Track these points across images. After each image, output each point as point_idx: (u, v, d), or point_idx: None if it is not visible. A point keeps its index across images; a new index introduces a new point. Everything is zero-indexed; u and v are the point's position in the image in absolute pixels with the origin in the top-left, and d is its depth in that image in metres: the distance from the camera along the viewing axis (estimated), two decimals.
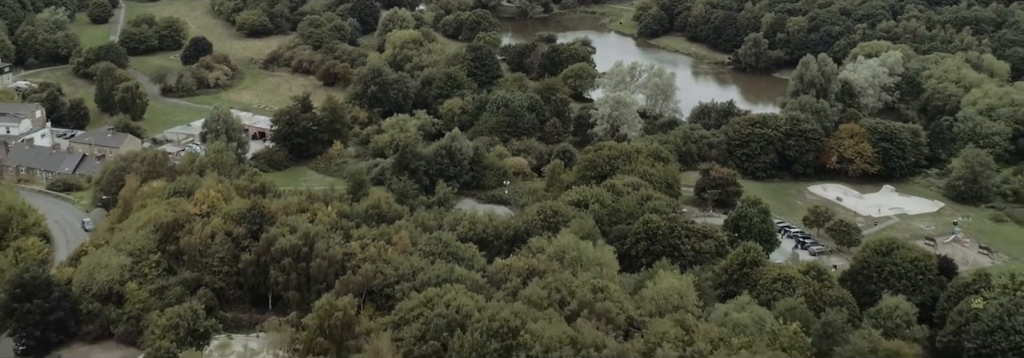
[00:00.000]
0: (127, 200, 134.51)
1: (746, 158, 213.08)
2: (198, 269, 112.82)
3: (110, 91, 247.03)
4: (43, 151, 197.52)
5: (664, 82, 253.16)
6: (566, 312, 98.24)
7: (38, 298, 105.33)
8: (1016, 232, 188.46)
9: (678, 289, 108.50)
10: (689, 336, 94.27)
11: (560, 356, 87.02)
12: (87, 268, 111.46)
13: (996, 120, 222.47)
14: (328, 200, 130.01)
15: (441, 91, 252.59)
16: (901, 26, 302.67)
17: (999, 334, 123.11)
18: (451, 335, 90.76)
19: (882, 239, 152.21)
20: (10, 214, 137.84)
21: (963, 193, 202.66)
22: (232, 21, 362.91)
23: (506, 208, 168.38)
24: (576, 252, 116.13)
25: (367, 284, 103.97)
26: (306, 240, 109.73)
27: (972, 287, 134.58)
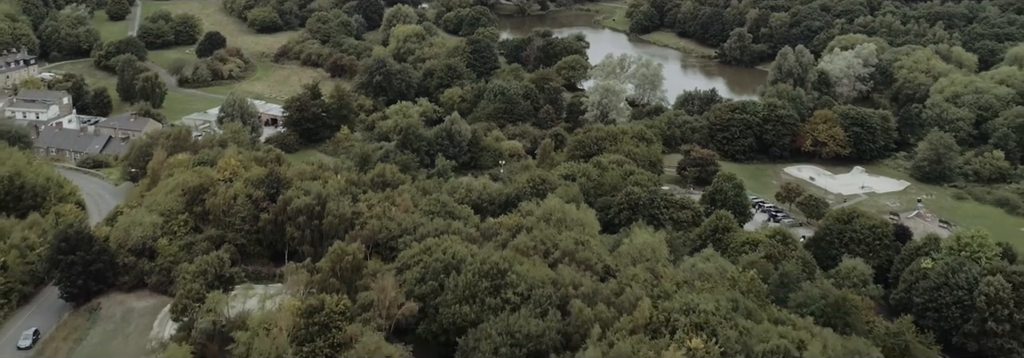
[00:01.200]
0: (155, 170, 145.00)
1: (726, 141, 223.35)
2: (222, 227, 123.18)
3: (131, 81, 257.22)
4: (71, 133, 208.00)
5: (651, 72, 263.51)
6: (549, 260, 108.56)
7: (80, 251, 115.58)
8: (975, 208, 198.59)
9: (651, 244, 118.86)
10: (657, 280, 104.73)
11: (542, 293, 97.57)
12: (123, 226, 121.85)
13: (961, 107, 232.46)
14: (338, 170, 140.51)
15: (442, 81, 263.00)
16: (877, 21, 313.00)
17: (944, 290, 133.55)
18: (447, 276, 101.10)
19: (844, 209, 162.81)
20: (48, 184, 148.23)
21: (928, 173, 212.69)
22: (244, 18, 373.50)
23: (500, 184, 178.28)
24: (561, 214, 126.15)
25: (373, 237, 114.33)
26: (319, 200, 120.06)
27: (923, 250, 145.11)
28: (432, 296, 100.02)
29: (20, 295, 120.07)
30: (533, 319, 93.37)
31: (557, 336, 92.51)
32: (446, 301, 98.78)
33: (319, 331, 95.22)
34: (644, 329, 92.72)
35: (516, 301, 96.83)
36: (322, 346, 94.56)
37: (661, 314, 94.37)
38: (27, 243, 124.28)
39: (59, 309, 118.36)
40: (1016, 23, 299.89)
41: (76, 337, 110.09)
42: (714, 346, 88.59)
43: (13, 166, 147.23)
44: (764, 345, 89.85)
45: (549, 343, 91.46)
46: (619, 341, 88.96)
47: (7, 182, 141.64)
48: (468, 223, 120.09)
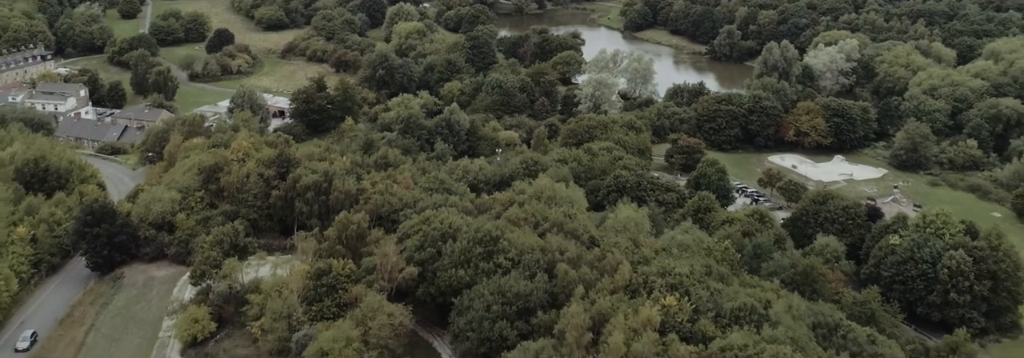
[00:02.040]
0: (172, 153, 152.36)
1: (713, 131, 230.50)
2: (235, 203, 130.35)
3: (144, 75, 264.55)
4: (89, 123, 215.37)
5: (643, 67, 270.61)
6: (539, 231, 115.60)
7: (105, 224, 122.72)
8: (947, 193, 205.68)
9: (634, 219, 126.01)
10: (637, 248, 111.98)
11: (531, 258, 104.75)
12: (144, 202, 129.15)
13: (938, 99, 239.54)
14: (343, 152, 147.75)
15: (442, 75, 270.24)
16: (862, 18, 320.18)
17: (910, 264, 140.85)
18: (444, 243, 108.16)
19: (820, 191, 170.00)
20: (70, 167, 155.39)
21: (905, 161, 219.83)
22: (251, 16, 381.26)
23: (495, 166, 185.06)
24: (552, 192, 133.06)
25: (376, 211, 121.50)
26: (326, 177, 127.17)
27: (891, 228, 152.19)
28: (430, 261, 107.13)
29: (49, 265, 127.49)
30: (522, 280, 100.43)
31: (544, 295, 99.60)
32: (443, 266, 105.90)
33: (327, 292, 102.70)
34: (624, 289, 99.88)
35: (507, 265, 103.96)
36: (329, 305, 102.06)
37: (639, 277, 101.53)
38: (54, 218, 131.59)
39: (85, 278, 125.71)
40: (994, 20, 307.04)
41: (102, 302, 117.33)
42: (687, 303, 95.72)
43: (38, 150, 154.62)
44: (732, 303, 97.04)
45: (537, 301, 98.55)
46: (600, 299, 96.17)
47: (33, 164, 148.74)
48: (464, 199, 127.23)
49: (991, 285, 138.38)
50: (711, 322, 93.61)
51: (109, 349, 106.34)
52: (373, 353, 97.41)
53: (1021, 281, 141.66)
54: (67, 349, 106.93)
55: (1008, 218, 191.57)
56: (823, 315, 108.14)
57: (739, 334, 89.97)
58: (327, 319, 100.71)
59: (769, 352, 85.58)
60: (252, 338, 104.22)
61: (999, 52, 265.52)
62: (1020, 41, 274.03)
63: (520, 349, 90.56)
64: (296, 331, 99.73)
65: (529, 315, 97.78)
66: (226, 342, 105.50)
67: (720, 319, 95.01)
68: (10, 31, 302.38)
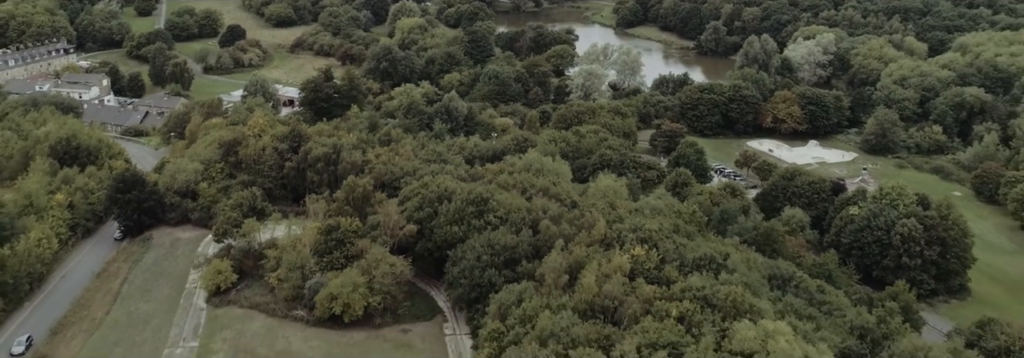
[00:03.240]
0: (193, 131, 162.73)
1: (696, 118, 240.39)
2: (252, 174, 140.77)
3: (162, 67, 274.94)
4: (112, 109, 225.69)
5: (631, 59, 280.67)
6: (526, 195, 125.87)
7: (135, 191, 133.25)
8: (913, 175, 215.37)
9: (613, 187, 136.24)
10: (613, 209, 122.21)
11: (518, 216, 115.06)
12: (169, 172, 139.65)
13: (907, 88, 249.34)
14: (350, 130, 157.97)
15: (442, 67, 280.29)
16: (840, 15, 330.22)
17: (866, 231, 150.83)
18: (440, 204, 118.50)
19: (788, 168, 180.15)
20: (99, 145, 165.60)
21: (874, 146, 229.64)
22: (261, 14, 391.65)
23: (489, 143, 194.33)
24: (539, 164, 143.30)
25: (380, 178, 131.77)
26: (335, 149, 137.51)
27: (852, 200, 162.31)
28: (428, 220, 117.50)
29: (84, 229, 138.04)
30: (509, 235, 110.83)
31: (528, 247, 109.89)
32: (439, 223, 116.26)
33: (336, 245, 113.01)
34: (599, 243, 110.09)
35: (496, 222, 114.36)
36: (338, 257, 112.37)
37: (613, 232, 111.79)
38: (87, 188, 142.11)
39: (117, 240, 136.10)
40: (965, 16, 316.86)
41: (134, 259, 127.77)
42: (654, 254, 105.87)
43: (70, 129, 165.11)
44: (695, 253, 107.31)
45: (521, 252, 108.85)
46: (577, 250, 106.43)
47: (65, 142, 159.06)
48: (459, 169, 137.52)
49: (940, 250, 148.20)
50: (675, 269, 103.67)
51: (142, 297, 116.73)
52: (376, 298, 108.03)
53: (968, 247, 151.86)
54: (104, 298, 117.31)
55: (967, 197, 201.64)
56: (779, 268, 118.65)
57: (698, 278, 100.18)
58: (336, 269, 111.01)
59: (723, 291, 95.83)
60: (269, 287, 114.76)
61: (967, 45, 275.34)
62: (987, 35, 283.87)
63: (505, 290, 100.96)
64: (309, 279, 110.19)
65: (515, 265, 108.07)
66: (246, 291, 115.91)
67: (683, 267, 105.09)
68: (34, 26, 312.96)
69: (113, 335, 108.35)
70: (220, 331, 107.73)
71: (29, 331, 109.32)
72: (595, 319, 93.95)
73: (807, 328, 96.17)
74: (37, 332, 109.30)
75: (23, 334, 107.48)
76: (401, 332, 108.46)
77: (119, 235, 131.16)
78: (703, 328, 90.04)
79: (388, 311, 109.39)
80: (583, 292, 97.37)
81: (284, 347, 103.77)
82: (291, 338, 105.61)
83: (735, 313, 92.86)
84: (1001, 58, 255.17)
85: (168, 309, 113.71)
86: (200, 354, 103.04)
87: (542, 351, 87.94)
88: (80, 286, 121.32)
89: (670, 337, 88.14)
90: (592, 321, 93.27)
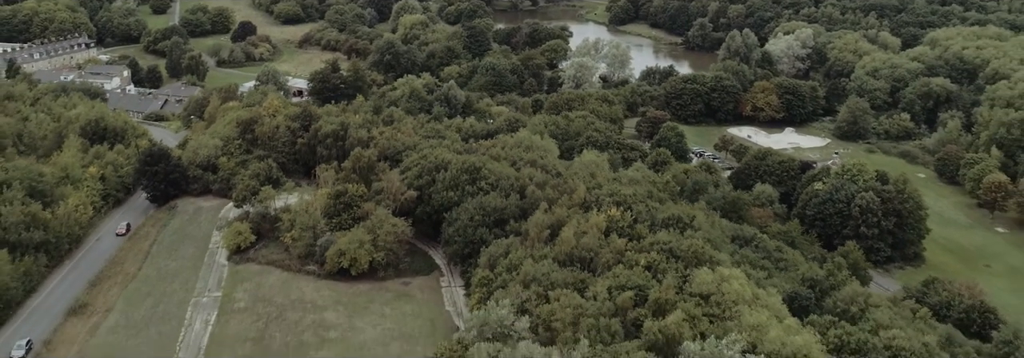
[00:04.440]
0: (211, 113, 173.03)
1: (680, 107, 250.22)
2: (267, 150, 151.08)
3: (178, 59, 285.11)
4: (134, 97, 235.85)
5: (620, 53, 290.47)
6: (516, 166, 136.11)
7: (161, 164, 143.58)
8: (881, 159, 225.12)
9: (595, 161, 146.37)
10: (593, 178, 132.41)
11: (507, 182, 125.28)
12: (192, 148, 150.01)
13: (879, 79, 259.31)
14: (356, 111, 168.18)
15: (442, 60, 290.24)
16: (820, 12, 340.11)
17: (829, 204, 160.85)
18: (437, 173, 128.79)
19: (760, 148, 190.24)
20: (125, 127, 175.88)
21: (847, 133, 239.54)
22: (270, 11, 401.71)
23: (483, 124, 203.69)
24: (529, 142, 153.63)
25: (384, 152, 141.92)
26: (342, 127, 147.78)
27: (817, 176, 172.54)
28: (426, 186, 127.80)
29: (115, 199, 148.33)
30: (499, 199, 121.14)
31: (516, 209, 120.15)
32: (436, 189, 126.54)
33: (344, 208, 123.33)
34: (579, 205, 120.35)
35: (487, 188, 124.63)
36: (346, 218, 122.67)
37: (592, 196, 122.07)
38: (117, 162, 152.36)
39: (145, 208, 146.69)
40: (938, 13, 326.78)
41: (161, 224, 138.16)
42: (628, 214, 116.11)
43: (99, 112, 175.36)
44: (664, 214, 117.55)
45: (509, 213, 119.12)
46: (559, 210, 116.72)
47: (94, 123, 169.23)
48: (455, 144, 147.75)
49: (896, 221, 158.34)
50: (645, 227, 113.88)
51: (170, 256, 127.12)
52: (380, 254, 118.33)
53: (922, 219, 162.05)
54: (136, 257, 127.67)
55: (931, 178, 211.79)
56: (742, 230, 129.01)
57: (665, 234, 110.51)
58: (344, 229, 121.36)
59: (686, 244, 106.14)
60: (284, 247, 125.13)
61: (937, 40, 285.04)
62: (957, 30, 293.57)
63: (494, 244, 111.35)
64: (319, 238, 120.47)
65: (503, 224, 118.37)
66: (263, 250, 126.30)
67: (653, 226, 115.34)
68: (56, 22, 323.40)
69: (145, 287, 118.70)
70: (241, 283, 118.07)
71: (71, 285, 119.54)
72: (572, 267, 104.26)
73: (759, 276, 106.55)
74: (77, 284, 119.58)
75: (23, 338, 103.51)
76: (402, 284, 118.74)
77: (123, 230, 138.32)
78: (667, 274, 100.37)
79: (390, 266, 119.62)
80: (562, 245, 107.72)
81: (298, 296, 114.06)
82: (304, 289, 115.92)
83: (696, 262, 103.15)
84: (967, 51, 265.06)
85: (193, 266, 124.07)
86: (223, 302, 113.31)
87: (525, 292, 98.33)
88: (113, 247, 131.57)
89: (637, 281, 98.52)
90: (570, 268, 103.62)
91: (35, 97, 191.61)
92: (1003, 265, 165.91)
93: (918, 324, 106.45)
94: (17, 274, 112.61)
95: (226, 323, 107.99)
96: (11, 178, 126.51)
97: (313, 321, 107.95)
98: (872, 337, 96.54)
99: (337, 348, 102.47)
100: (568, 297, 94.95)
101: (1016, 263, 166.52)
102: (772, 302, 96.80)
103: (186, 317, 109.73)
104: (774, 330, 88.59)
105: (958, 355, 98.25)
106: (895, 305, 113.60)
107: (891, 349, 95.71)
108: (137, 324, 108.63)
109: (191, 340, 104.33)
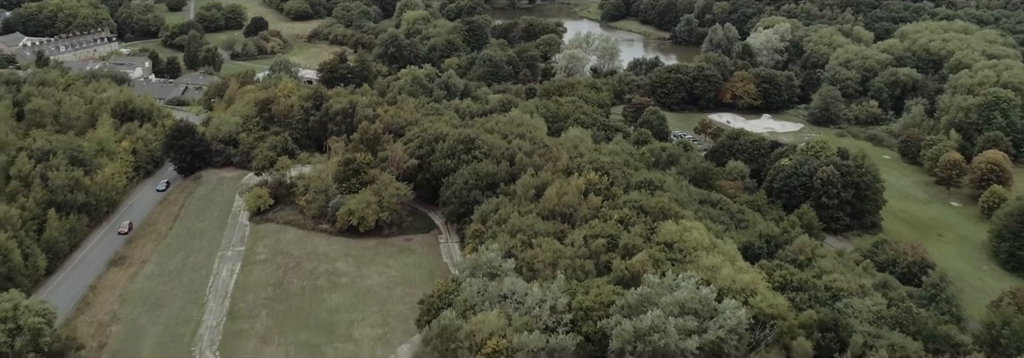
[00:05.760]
0: (231, 95, 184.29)
1: (664, 95, 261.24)
2: (282, 126, 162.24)
3: (195, 52, 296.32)
4: (156, 84, 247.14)
5: (609, 46, 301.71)
6: (506, 139, 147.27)
7: (187, 138, 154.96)
8: (850, 142, 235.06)
9: (580, 136, 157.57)
10: (577, 149, 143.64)
11: (498, 152, 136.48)
12: (214, 124, 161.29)
13: (851, 69, 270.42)
14: (363, 94, 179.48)
15: (443, 53, 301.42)
16: (799, 7, 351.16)
17: (793, 177, 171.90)
18: (436, 144, 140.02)
19: (734, 129, 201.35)
20: (151, 108, 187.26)
21: (819, 119, 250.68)
22: (281, 9, 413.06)
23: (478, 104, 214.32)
24: (520, 120, 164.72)
25: (388, 126, 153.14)
26: (351, 105, 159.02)
27: (784, 153, 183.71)
28: (426, 156, 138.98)
29: (145, 171, 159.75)
30: (491, 165, 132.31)
31: (506, 174, 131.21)
32: (436, 158, 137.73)
33: (352, 174, 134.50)
34: (562, 171, 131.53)
35: (481, 156, 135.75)
36: (354, 183, 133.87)
37: (574, 164, 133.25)
38: (147, 138, 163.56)
39: (173, 178, 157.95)
40: (910, 9, 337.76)
41: (188, 192, 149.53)
42: (605, 178, 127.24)
43: (126, 95, 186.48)
44: (637, 177, 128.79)
45: (500, 178, 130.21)
46: (544, 174, 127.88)
47: (124, 105, 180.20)
48: (452, 119, 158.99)
49: (855, 193, 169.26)
50: (620, 189, 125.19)
51: (197, 217, 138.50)
52: (385, 213, 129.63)
53: (879, 191, 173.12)
54: (167, 219, 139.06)
55: (895, 159, 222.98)
56: (709, 196, 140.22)
57: (637, 193, 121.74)
58: (353, 192, 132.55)
59: (655, 201, 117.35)
60: (299, 209, 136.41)
61: (907, 33, 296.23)
62: (925, 24, 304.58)
63: (486, 203, 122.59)
64: (331, 200, 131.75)
65: (494, 187, 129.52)
66: (280, 212, 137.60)
67: (627, 188, 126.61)
68: (79, 18, 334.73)
69: (176, 243, 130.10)
70: (261, 240, 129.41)
71: (110, 242, 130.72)
72: (554, 220, 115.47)
73: (718, 229, 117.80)
74: (115, 241, 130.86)
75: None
76: (404, 240, 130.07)
77: (163, 186, 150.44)
78: (636, 226, 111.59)
79: (394, 224, 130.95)
80: (546, 203, 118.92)
81: (312, 249, 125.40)
82: (318, 243, 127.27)
83: (663, 216, 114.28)
84: (933, 43, 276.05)
85: (218, 226, 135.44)
86: (246, 255, 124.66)
87: (511, 240, 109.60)
88: (146, 211, 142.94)
89: (610, 231, 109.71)
90: (551, 222, 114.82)
91: (66, 83, 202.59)
92: (954, 234, 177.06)
93: (858, 271, 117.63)
94: (64, 230, 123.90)
95: (249, 272, 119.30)
96: (55, 147, 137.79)
97: (326, 270, 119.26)
98: (814, 279, 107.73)
99: (347, 292, 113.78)
100: (549, 244, 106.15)
101: (966, 233, 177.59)
102: (727, 249, 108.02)
103: (214, 267, 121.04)
104: (726, 269, 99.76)
105: (890, 295, 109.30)
106: (840, 256, 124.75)
107: (831, 289, 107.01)
108: (171, 273, 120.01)
109: (219, 285, 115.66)
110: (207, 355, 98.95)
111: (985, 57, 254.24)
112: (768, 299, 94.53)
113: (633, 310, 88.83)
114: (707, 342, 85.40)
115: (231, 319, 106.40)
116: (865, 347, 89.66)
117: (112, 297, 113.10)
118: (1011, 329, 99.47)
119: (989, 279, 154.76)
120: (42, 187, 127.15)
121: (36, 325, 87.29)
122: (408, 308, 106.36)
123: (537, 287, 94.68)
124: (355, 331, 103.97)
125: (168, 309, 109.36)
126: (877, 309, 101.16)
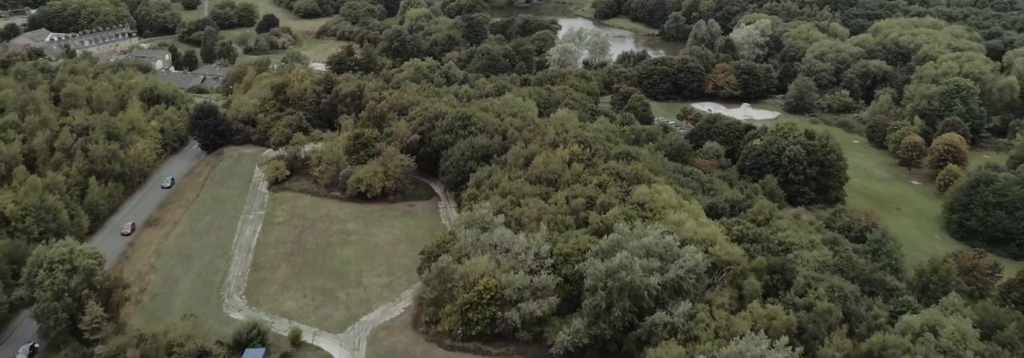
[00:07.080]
0: (248, 81, 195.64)
1: (650, 85, 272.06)
2: (296, 107, 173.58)
3: (211, 46, 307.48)
4: (177, 74, 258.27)
5: (600, 40, 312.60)
6: (499, 118, 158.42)
7: (210, 117, 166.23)
8: (822, 129, 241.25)
9: (567, 116, 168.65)
10: (563, 126, 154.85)
11: (492, 127, 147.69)
12: (234, 106, 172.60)
13: (825, 62, 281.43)
14: (370, 80, 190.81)
15: (444, 47, 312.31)
16: (780, 5, 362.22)
17: (763, 156, 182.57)
18: (436, 121, 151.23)
19: (711, 113, 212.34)
20: (175, 94, 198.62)
21: (794, 107, 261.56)
22: (290, 7, 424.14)
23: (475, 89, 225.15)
24: (513, 103, 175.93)
25: (393, 106, 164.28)
26: (359, 88, 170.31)
27: (756, 135, 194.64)
28: (427, 131, 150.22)
29: (172, 147, 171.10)
30: (485, 139, 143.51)
31: (498, 147, 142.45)
32: (436, 133, 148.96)
33: (361, 147, 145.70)
34: (549, 144, 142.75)
35: (476, 132, 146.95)
36: (362, 155, 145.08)
37: (560, 137, 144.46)
38: (172, 118, 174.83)
39: (197, 155, 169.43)
40: (885, 6, 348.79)
41: (212, 165, 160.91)
42: (587, 150, 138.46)
43: (151, 82, 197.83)
44: (616, 150, 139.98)
45: (493, 150, 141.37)
46: (532, 146, 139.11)
47: (150, 90, 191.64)
48: (451, 100, 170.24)
49: (820, 169, 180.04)
50: (601, 159, 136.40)
51: (221, 186, 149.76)
52: (390, 182, 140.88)
53: (842, 169, 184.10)
54: (194, 188, 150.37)
55: (863, 143, 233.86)
56: (683, 168, 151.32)
57: (615, 162, 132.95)
58: (361, 163, 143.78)
59: (630, 168, 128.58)
60: (313, 179, 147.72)
61: (880, 28, 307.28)
62: (898, 21, 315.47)
63: (480, 170, 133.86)
64: (341, 170, 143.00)
65: (488, 158, 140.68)
66: (296, 182, 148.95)
67: (607, 158, 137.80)
68: (101, 15, 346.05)
69: (203, 208, 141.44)
70: (280, 205, 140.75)
71: (144, 207, 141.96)
72: (540, 185, 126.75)
73: (686, 192, 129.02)
74: (149, 207, 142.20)
75: (26, 343, 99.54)
76: (407, 206, 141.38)
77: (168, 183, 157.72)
78: (612, 188, 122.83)
79: (398, 192, 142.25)
80: (533, 170, 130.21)
81: (325, 212, 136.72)
82: (330, 207, 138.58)
83: (637, 181, 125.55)
84: (903, 37, 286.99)
85: (240, 193, 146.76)
86: (266, 218, 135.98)
87: (502, 200, 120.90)
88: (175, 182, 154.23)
89: (589, 193, 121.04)
90: (538, 186, 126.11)
91: (95, 72, 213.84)
92: (911, 209, 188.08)
93: (810, 230, 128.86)
94: (103, 195, 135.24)
95: (269, 231, 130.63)
96: (93, 124, 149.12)
97: (338, 229, 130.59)
98: (770, 235, 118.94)
99: (357, 247, 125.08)
100: (535, 203, 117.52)
101: (922, 207, 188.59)
102: (693, 208, 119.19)
103: (238, 227, 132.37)
104: (690, 223, 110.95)
105: (837, 248, 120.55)
106: (796, 219, 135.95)
107: (784, 244, 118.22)
108: (200, 232, 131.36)
109: (243, 242, 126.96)
110: (235, 298, 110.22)
111: (950, 50, 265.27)
112: (726, 248, 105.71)
113: (605, 253, 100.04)
114: (668, 280, 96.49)
115: (255, 269, 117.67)
116: (807, 287, 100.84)
117: (149, 252, 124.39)
118: (938, 275, 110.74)
119: (938, 246, 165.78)
120: (83, 158, 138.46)
121: (89, 266, 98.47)
122: (411, 261, 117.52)
123: (523, 237, 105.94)
124: (364, 279, 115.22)
125: (198, 261, 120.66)
126: (823, 259, 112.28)
